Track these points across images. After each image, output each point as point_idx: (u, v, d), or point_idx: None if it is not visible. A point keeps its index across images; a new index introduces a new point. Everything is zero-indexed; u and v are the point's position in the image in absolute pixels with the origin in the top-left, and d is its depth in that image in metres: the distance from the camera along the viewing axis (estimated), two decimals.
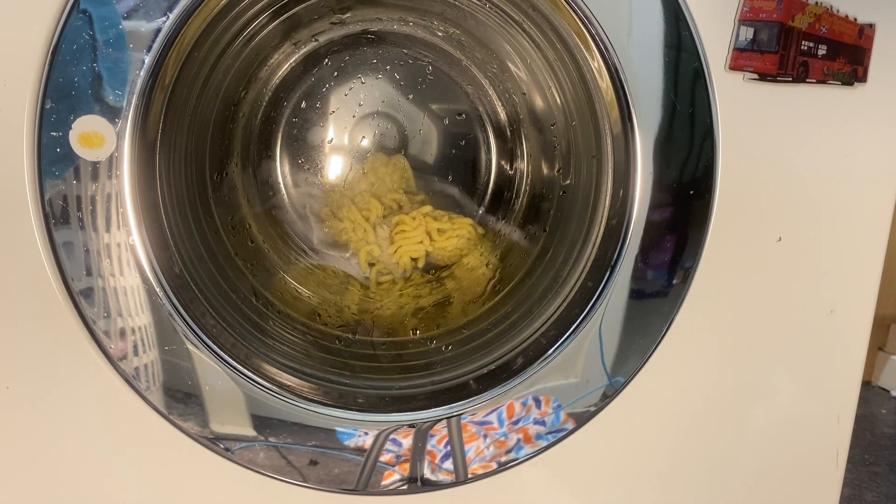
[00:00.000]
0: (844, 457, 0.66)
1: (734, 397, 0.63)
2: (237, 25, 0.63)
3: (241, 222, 0.74)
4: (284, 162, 0.79)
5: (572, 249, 0.65)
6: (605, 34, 0.54)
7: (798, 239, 0.60)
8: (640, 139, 0.56)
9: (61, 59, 0.50)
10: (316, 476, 0.60)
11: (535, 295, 0.67)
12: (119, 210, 0.53)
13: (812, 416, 0.65)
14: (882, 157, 0.59)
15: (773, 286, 0.61)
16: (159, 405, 0.57)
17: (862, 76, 0.57)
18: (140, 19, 0.51)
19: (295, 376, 0.60)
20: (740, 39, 0.55)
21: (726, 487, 0.65)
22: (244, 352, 0.59)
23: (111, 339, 0.55)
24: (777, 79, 0.56)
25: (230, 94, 0.70)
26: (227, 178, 0.73)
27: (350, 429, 0.59)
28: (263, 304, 0.68)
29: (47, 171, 0.52)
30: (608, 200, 0.60)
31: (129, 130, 0.52)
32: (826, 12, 0.56)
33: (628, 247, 0.57)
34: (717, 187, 0.57)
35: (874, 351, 1.66)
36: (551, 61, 0.66)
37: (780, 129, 0.57)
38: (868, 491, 1.21)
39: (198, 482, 0.60)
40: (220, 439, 0.58)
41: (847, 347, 0.63)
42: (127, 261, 0.54)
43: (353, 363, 0.67)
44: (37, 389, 0.56)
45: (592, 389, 0.60)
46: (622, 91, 0.55)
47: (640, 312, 0.59)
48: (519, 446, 0.61)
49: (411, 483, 0.61)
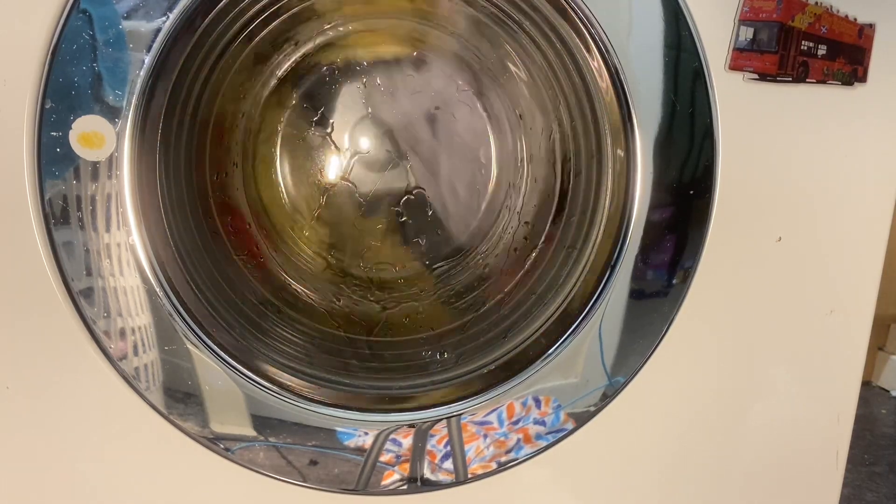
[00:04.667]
0: (844, 457, 0.66)
1: (734, 397, 0.63)
2: (237, 25, 0.63)
3: (240, 222, 0.74)
4: (284, 162, 0.79)
5: (572, 249, 0.65)
6: (605, 34, 0.54)
7: (798, 239, 0.60)
8: (640, 139, 0.56)
9: (61, 59, 0.50)
10: (316, 476, 0.60)
11: (535, 295, 0.67)
12: (119, 210, 0.53)
13: (812, 416, 0.65)
14: (882, 157, 0.59)
15: (773, 286, 0.60)
16: (159, 405, 0.57)
17: (862, 76, 0.57)
18: (140, 19, 0.51)
19: (295, 376, 0.60)
20: (740, 39, 0.55)
21: (726, 487, 0.65)
22: (244, 352, 0.59)
23: (111, 339, 0.55)
24: (777, 79, 0.56)
25: (230, 94, 0.70)
26: (227, 178, 0.73)
27: (350, 429, 0.59)
28: (263, 304, 0.68)
29: (47, 171, 0.52)
30: (608, 200, 0.60)
31: (129, 130, 0.52)
32: (826, 12, 0.56)
33: (628, 247, 0.57)
34: (717, 187, 0.57)
35: (874, 351, 1.65)
36: (551, 61, 0.66)
37: (780, 129, 0.57)
38: (868, 491, 1.21)
39: (198, 482, 0.60)
40: (220, 439, 0.58)
41: (847, 347, 0.63)
42: (127, 261, 0.54)
43: (353, 363, 0.67)
44: (37, 389, 0.56)
45: (592, 389, 0.60)
46: (622, 91, 0.55)
47: (640, 312, 0.59)
48: (519, 446, 0.61)
49: (411, 483, 0.61)
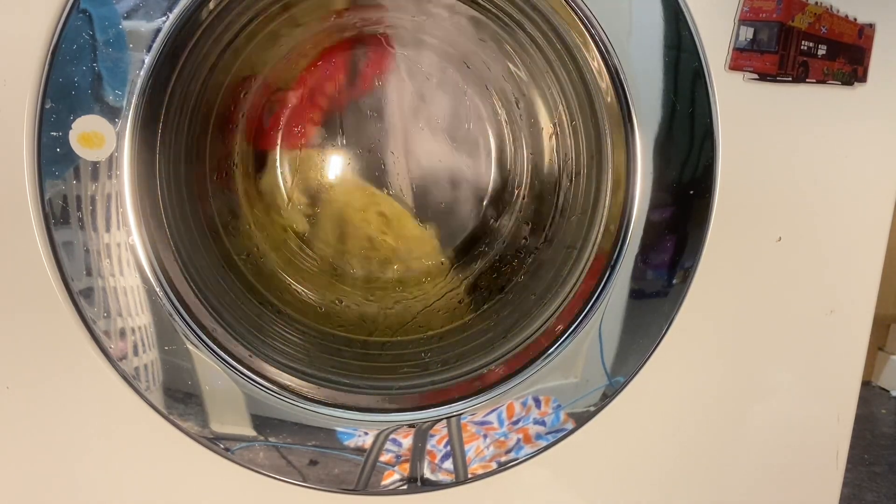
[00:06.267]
0: (844, 457, 0.66)
1: (734, 397, 0.63)
2: (237, 25, 0.63)
3: (240, 222, 0.74)
4: (285, 162, 0.79)
5: (572, 249, 0.65)
6: (605, 34, 0.54)
7: (798, 239, 0.60)
8: (640, 139, 0.56)
9: (61, 59, 0.50)
10: (316, 476, 0.60)
11: (535, 295, 0.67)
12: (119, 210, 0.53)
13: (812, 416, 0.65)
14: (882, 157, 0.59)
15: (773, 286, 0.60)
16: (159, 405, 0.57)
17: (862, 76, 0.57)
18: (140, 19, 0.51)
19: (295, 376, 0.60)
20: (740, 39, 0.55)
21: (726, 487, 0.65)
22: (244, 352, 0.59)
23: (111, 339, 0.55)
24: (777, 79, 0.56)
25: (230, 94, 0.70)
26: (227, 178, 0.72)
27: (350, 429, 0.59)
28: (263, 304, 0.68)
29: (47, 171, 0.52)
30: (608, 200, 0.60)
31: (129, 130, 0.52)
32: (826, 12, 0.56)
33: (628, 247, 0.57)
34: (717, 187, 0.57)
35: (874, 351, 1.66)
36: (551, 61, 0.66)
37: (780, 129, 0.57)
38: (868, 491, 1.21)
39: (198, 482, 0.60)
40: (220, 439, 0.58)
41: (847, 347, 0.63)
42: (127, 261, 0.54)
43: (353, 363, 0.67)
44: (37, 389, 0.56)
45: (592, 389, 0.60)
46: (622, 91, 0.55)
47: (640, 312, 0.59)
48: (519, 446, 0.61)
49: (411, 483, 0.61)
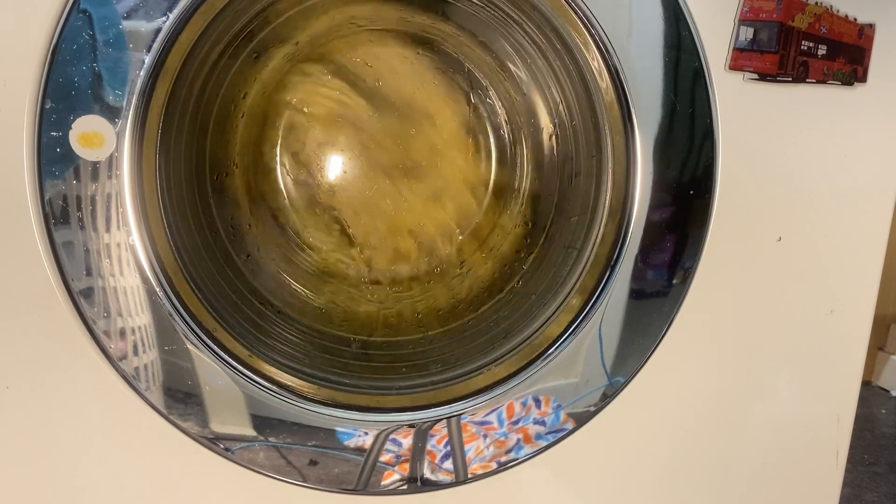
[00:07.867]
0: (844, 457, 0.66)
1: (734, 397, 0.63)
2: (238, 25, 0.63)
3: (241, 222, 0.74)
4: (285, 162, 0.79)
5: (572, 249, 0.65)
6: (605, 34, 0.54)
7: (798, 239, 0.60)
8: (640, 139, 0.56)
9: (61, 59, 0.50)
10: (316, 476, 0.60)
11: (535, 295, 0.67)
12: (119, 210, 0.53)
13: (812, 416, 0.65)
14: (882, 157, 0.59)
15: (773, 286, 0.60)
16: (159, 405, 0.57)
17: (862, 76, 0.57)
18: (140, 19, 0.51)
19: (295, 376, 0.60)
20: (740, 39, 0.55)
21: (726, 487, 0.65)
22: (244, 352, 0.59)
23: (111, 338, 0.55)
24: (777, 79, 0.56)
25: (230, 94, 0.70)
26: (227, 178, 0.72)
27: (350, 429, 0.59)
28: (263, 304, 0.68)
29: (47, 171, 0.52)
30: (608, 200, 0.60)
31: (129, 130, 0.52)
32: (826, 12, 0.56)
33: (628, 247, 0.57)
34: (717, 187, 0.57)
35: (874, 351, 1.66)
36: (551, 61, 0.66)
37: (780, 129, 0.57)
38: (868, 491, 1.21)
39: (198, 482, 0.60)
40: (220, 439, 0.58)
41: (847, 347, 0.63)
42: (127, 261, 0.54)
43: (353, 363, 0.67)
44: (37, 389, 0.56)
45: (592, 389, 0.60)
46: (622, 91, 0.55)
47: (640, 312, 0.59)
48: (519, 446, 0.61)
49: (411, 483, 0.61)
